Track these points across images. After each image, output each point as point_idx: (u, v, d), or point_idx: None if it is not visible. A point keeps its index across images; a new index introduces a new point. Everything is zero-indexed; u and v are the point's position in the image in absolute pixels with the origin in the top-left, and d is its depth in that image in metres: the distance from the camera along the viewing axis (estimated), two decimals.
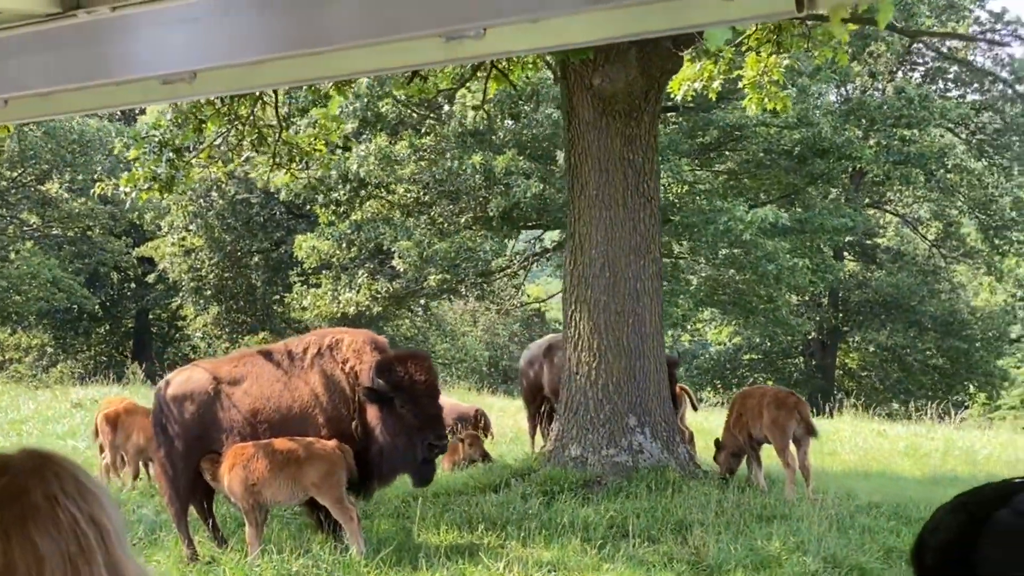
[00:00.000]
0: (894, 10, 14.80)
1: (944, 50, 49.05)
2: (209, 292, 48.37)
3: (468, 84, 17.81)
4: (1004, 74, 49.99)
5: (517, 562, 11.18)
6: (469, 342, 56.55)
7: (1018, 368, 60.51)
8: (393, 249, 36.65)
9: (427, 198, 38.20)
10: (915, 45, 49.68)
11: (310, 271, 43.16)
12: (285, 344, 12.60)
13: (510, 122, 36.90)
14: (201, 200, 44.51)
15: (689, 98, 18.99)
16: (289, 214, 48.20)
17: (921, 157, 41.14)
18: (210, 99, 16.69)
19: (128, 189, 17.10)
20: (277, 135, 17.43)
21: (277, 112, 17.29)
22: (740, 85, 20.38)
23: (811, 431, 13.92)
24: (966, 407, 45.42)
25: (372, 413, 11.65)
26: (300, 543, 11.94)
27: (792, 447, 13.83)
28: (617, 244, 14.47)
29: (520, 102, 35.22)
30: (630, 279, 14.49)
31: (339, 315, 41.28)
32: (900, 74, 49.85)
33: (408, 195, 38.07)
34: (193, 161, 17.79)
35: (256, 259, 48.57)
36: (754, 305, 40.51)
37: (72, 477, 2.17)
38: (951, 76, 50.42)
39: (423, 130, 37.06)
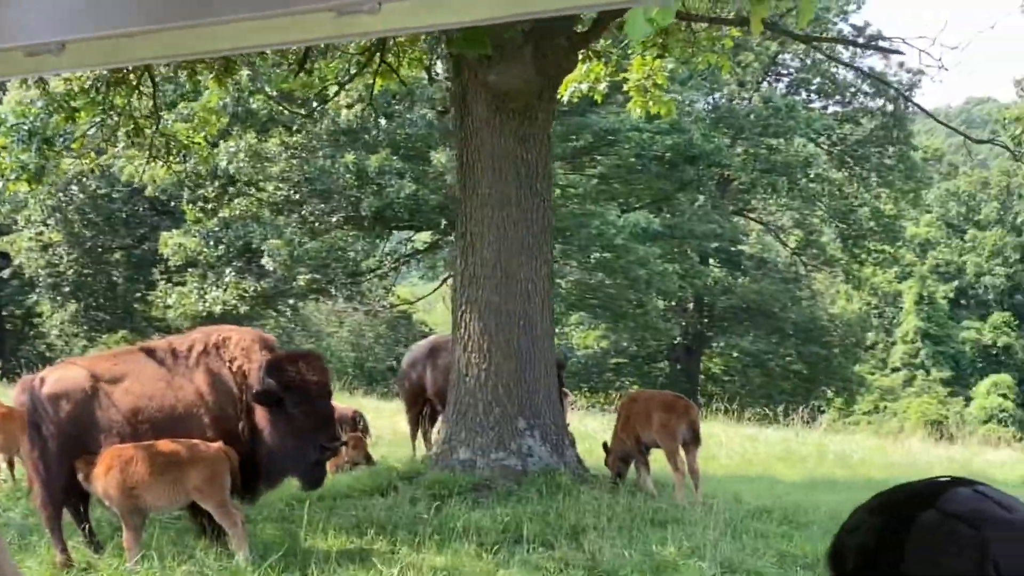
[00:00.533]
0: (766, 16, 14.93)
1: (808, 61, 49.99)
2: (67, 289, 47.02)
3: (353, 81, 17.36)
4: (865, 87, 51.21)
5: (411, 568, 10.86)
6: (334, 343, 56.06)
7: (872, 375, 62.08)
8: (263, 248, 35.96)
9: (297, 197, 37.62)
10: (780, 56, 50.68)
11: (175, 269, 42.22)
12: (168, 341, 12.07)
13: (383, 121, 36.46)
14: (60, 194, 43.12)
15: (576, 99, 18.96)
16: (153, 210, 47.12)
17: (787, 166, 41.84)
18: (83, 87, 16.10)
19: None
20: (154, 127, 16.85)
21: (155, 102, 16.70)
22: (625, 88, 20.40)
23: (697, 437, 13.88)
24: (823, 411, 46.37)
25: (261, 414, 11.23)
26: (181, 548, 11.45)
27: (680, 451, 13.77)
28: (509, 244, 14.24)
29: (394, 101, 34.92)
30: (522, 280, 14.27)
31: (204, 314, 40.43)
32: (766, 84, 50.68)
33: (278, 193, 37.41)
34: (64, 152, 17.08)
35: (117, 256, 47.40)
36: (624, 309, 40.77)
37: None
38: (814, 87, 51.41)
39: (295, 127, 36.43)
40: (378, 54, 15.98)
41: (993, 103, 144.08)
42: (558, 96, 15.36)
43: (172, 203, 44.57)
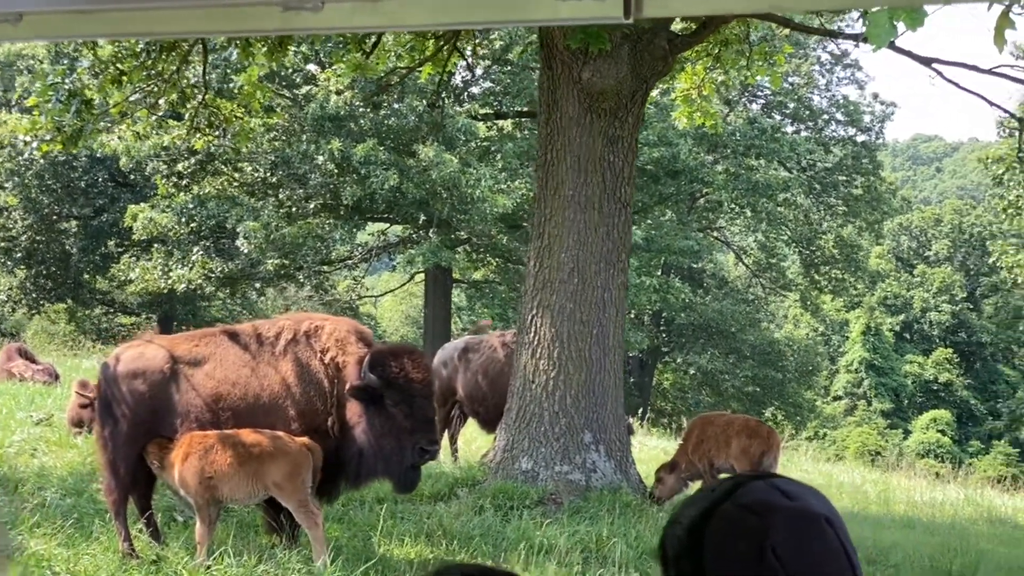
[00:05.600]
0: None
1: (787, 85, 49.87)
2: (19, 255, 45.57)
3: (424, 66, 16.66)
4: (839, 116, 51.31)
5: None
6: None
7: (814, 401, 62.29)
8: (238, 229, 35.04)
9: (274, 180, 36.75)
10: (742, 78, 50.51)
11: (136, 243, 41.14)
12: (253, 326, 11.34)
13: (367, 110, 35.69)
14: (20, 157, 41.74)
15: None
16: (113, 181, 45.87)
17: (768, 187, 41.69)
18: (135, 51, 15.32)
19: (28, 139, 15.54)
20: (201, 97, 16.05)
21: (204, 72, 15.92)
22: (672, 97, 19.94)
23: (775, 464, 13.40)
24: None
25: (353, 410, 10.56)
26: (245, 544, 10.75)
27: None
28: (588, 249, 13.66)
29: (380, 93, 34.31)
30: (598, 288, 13.70)
31: (167, 291, 39.55)
32: (741, 105, 50.53)
33: (255, 175, 36.52)
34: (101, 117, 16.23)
35: (73, 225, 46.03)
36: None
37: None
38: (789, 111, 51.34)
39: (278, 108, 35.54)
40: (451, 41, 15.35)
41: (939, 140, 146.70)
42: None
43: (132, 175, 43.44)
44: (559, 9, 2.28)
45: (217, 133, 17.37)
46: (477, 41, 16.17)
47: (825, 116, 51.35)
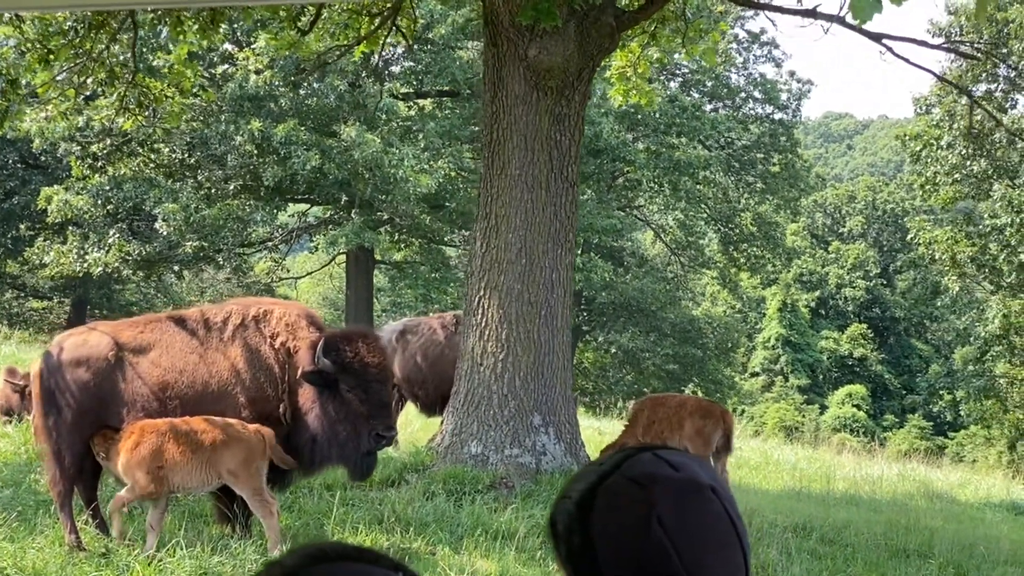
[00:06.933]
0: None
1: (704, 63, 50.00)
2: None
3: (362, 43, 16.28)
4: (757, 94, 51.56)
5: (457, 571, 10.07)
6: None
7: (736, 377, 62.80)
8: (157, 211, 34.35)
9: (192, 161, 36.08)
10: (676, 55, 50.58)
11: (48, 226, 40.27)
12: (201, 311, 10.99)
13: (287, 89, 35.15)
14: None
15: None
16: (23, 163, 44.80)
17: (689, 166, 41.77)
18: (62, 28, 14.85)
19: None
20: (131, 76, 15.57)
21: (134, 50, 15.44)
22: (607, 75, 19.78)
23: (730, 443, 13.33)
24: None
25: (307, 396, 10.29)
26: (197, 535, 10.43)
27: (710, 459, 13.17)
28: (536, 229, 13.44)
29: (313, 72, 33.79)
30: (546, 268, 13.49)
31: (81, 275, 38.75)
32: (659, 83, 50.52)
33: (172, 156, 35.80)
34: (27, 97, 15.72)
35: None
36: None
37: None
38: (707, 90, 51.47)
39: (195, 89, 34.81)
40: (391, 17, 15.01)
41: (850, 118, 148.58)
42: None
43: (43, 157, 42.48)
44: None
45: (147, 113, 16.86)
46: (414, 18, 15.78)
47: (743, 94, 51.57)
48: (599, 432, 19.80)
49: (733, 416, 13.44)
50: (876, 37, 14.07)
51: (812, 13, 14.01)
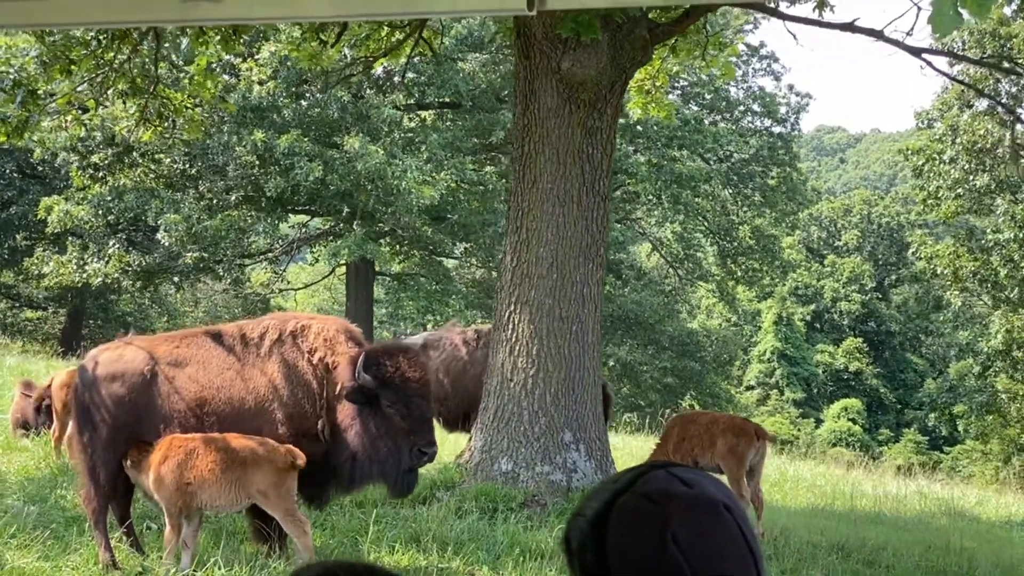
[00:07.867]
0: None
1: (704, 76, 49.96)
2: None
3: (388, 56, 16.12)
4: (756, 107, 51.49)
5: None
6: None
7: (732, 390, 62.71)
8: (159, 222, 34.15)
9: (194, 171, 35.89)
10: (695, 68, 50.52)
11: (46, 237, 40.06)
12: (238, 326, 10.81)
13: (289, 100, 34.99)
14: None
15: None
16: (21, 173, 44.57)
17: (691, 179, 41.68)
18: (84, 39, 14.68)
19: None
20: (152, 87, 15.39)
21: (156, 61, 15.26)
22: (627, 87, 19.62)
23: (762, 462, 13.17)
24: None
25: (346, 412, 10.11)
26: (235, 554, 10.25)
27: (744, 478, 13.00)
28: (567, 244, 13.29)
29: (307, 83, 33.75)
30: (577, 283, 13.34)
31: (79, 285, 38.55)
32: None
33: (174, 167, 35.60)
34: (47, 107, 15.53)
35: None
36: None
37: None
38: (707, 102, 51.37)
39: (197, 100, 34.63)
40: (418, 31, 14.86)
41: (842, 131, 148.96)
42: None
43: (41, 167, 42.26)
44: (458, 1, 2.29)
45: (167, 124, 16.68)
46: (440, 30, 15.63)
47: (742, 107, 51.48)
48: (627, 450, 19.64)
49: (767, 433, 13.23)
50: (916, 52, 13.99)
51: (850, 27, 13.88)
